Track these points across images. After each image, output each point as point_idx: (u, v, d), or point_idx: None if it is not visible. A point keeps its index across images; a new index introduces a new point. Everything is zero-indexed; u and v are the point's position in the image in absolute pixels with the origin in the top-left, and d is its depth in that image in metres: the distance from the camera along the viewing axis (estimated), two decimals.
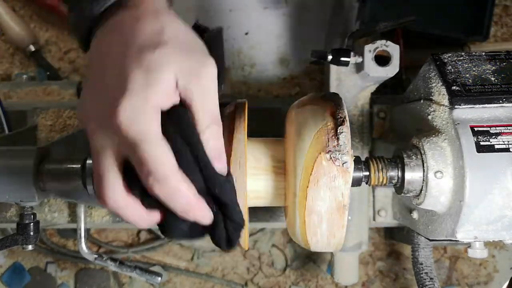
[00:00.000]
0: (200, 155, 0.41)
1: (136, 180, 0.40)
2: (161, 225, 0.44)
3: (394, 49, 0.69)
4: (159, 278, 0.83)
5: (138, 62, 0.39)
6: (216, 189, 0.42)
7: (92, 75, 0.43)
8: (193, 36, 0.44)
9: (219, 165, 0.43)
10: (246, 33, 1.07)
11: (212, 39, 0.47)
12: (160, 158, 0.38)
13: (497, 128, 0.51)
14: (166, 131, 0.39)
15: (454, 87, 0.54)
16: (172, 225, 0.43)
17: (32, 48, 1.10)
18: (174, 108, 0.40)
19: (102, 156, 0.40)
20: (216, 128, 0.42)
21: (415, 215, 0.62)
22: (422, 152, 0.53)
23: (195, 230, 0.44)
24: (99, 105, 0.40)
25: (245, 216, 0.48)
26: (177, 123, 0.40)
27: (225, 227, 0.44)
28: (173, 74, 0.39)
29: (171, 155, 0.39)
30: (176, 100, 0.40)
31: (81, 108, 0.43)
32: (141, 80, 0.38)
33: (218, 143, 0.42)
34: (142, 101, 0.38)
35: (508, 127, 0.51)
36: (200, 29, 0.48)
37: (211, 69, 0.41)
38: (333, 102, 0.51)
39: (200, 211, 0.42)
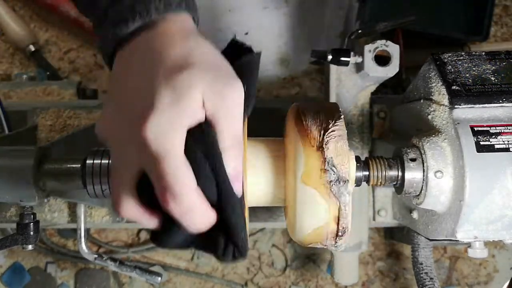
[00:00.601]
0: (219, 171, 0.41)
1: (147, 189, 0.41)
2: (155, 232, 0.45)
3: (394, 49, 0.69)
4: (159, 278, 0.83)
5: (166, 81, 0.40)
6: (228, 208, 0.42)
7: (116, 92, 0.44)
8: (221, 59, 0.45)
9: (237, 187, 0.43)
10: (246, 33, 1.07)
11: (246, 64, 0.46)
12: (179, 175, 0.39)
13: (497, 127, 0.51)
14: (189, 146, 0.40)
15: (454, 87, 0.54)
16: (169, 234, 0.43)
17: (32, 48, 1.10)
18: (199, 125, 0.41)
19: (120, 171, 0.43)
20: (237, 150, 0.43)
21: (415, 215, 0.62)
22: (422, 152, 0.53)
23: (189, 240, 0.44)
24: (124, 121, 0.42)
25: (246, 216, 0.48)
26: (201, 139, 0.41)
27: (225, 248, 0.43)
28: (200, 94, 0.40)
29: (191, 174, 0.40)
30: (201, 118, 0.41)
31: (102, 124, 0.44)
32: (169, 99, 0.39)
33: (237, 164, 0.43)
34: (169, 119, 0.39)
35: (508, 127, 0.51)
36: (237, 46, 0.48)
37: (237, 92, 0.42)
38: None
39: (208, 226, 0.43)
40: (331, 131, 0.48)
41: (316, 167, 0.48)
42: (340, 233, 0.48)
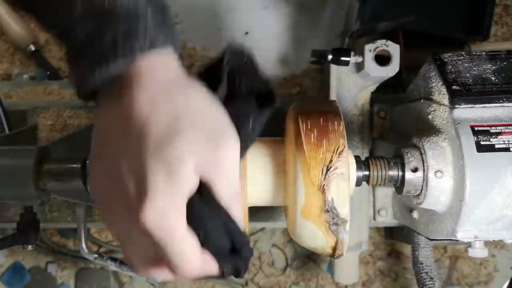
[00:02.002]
0: (230, 227, 0.41)
1: None
2: None
3: (394, 49, 0.69)
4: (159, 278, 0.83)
5: (157, 157, 0.38)
6: (244, 250, 0.43)
7: (103, 157, 0.42)
8: (210, 108, 0.42)
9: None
10: (246, 33, 1.07)
11: (241, 108, 0.44)
12: (187, 255, 0.39)
13: (497, 127, 0.51)
14: (193, 212, 0.39)
15: (454, 87, 0.54)
16: None
17: (32, 47, 1.10)
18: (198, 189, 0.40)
19: (130, 245, 0.42)
20: (236, 204, 0.42)
21: (415, 214, 0.62)
22: (423, 151, 0.53)
23: None
24: (117, 196, 0.40)
25: (245, 217, 0.48)
26: (201, 203, 0.40)
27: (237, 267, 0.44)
28: (193, 165, 0.38)
29: (198, 249, 0.40)
30: (197, 181, 0.39)
31: (95, 186, 0.43)
32: (163, 177, 0.37)
33: (239, 214, 0.42)
34: (167, 200, 0.37)
35: (509, 127, 0.51)
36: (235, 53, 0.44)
37: (231, 150, 0.40)
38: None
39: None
40: (334, 169, 0.48)
41: (316, 205, 0.49)
42: (335, 256, 0.51)
